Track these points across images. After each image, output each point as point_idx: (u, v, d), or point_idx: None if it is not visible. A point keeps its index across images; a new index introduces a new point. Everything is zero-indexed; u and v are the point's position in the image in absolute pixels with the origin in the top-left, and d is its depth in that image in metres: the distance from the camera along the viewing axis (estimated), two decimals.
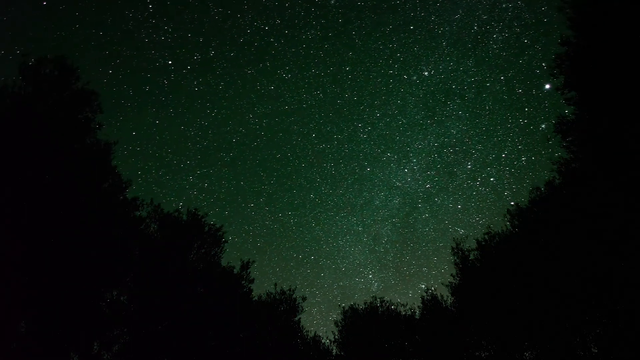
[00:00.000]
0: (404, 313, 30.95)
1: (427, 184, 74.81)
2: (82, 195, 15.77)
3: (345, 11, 67.48)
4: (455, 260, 26.28)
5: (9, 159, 14.63)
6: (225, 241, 23.23)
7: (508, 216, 23.08)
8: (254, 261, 24.83)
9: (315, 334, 31.65)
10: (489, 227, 24.73)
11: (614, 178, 12.30)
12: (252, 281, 24.72)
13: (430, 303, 28.54)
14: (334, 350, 31.42)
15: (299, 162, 78.83)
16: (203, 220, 22.75)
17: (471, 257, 25.73)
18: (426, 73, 67.55)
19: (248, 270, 24.60)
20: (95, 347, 17.19)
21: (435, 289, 28.87)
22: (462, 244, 26.25)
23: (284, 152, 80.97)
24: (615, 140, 12.00)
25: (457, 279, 26.20)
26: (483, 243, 25.00)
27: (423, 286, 26.99)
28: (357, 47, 71.09)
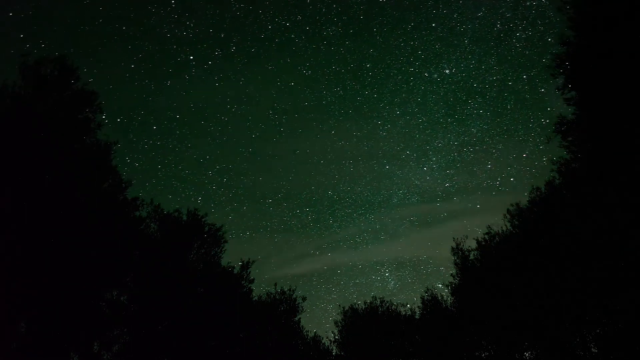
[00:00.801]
0: (404, 313, 30.98)
1: (447, 182, 74.60)
2: (82, 195, 15.77)
3: (367, 8, 67.18)
4: (455, 260, 26.29)
5: (9, 159, 14.63)
6: (226, 241, 23.23)
7: (508, 216, 23.08)
8: (254, 261, 24.85)
9: (315, 334, 31.67)
10: (489, 227, 24.72)
11: (614, 178, 12.30)
12: (252, 281, 24.72)
13: (430, 303, 28.54)
14: (334, 350, 31.44)
15: (318, 159, 78.66)
16: (203, 220, 22.75)
17: (471, 257, 25.74)
18: (447, 71, 67.29)
19: (248, 270, 24.60)
20: (95, 347, 17.20)
21: (446, 291, 28.64)
22: (462, 244, 26.26)
23: (303, 148, 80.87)
24: (615, 140, 12.00)
25: (457, 279, 26.21)
26: (483, 243, 25.00)
27: (440, 285, 27.07)
28: (378, 44, 70.81)
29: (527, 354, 23.17)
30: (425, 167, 73.55)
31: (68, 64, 16.71)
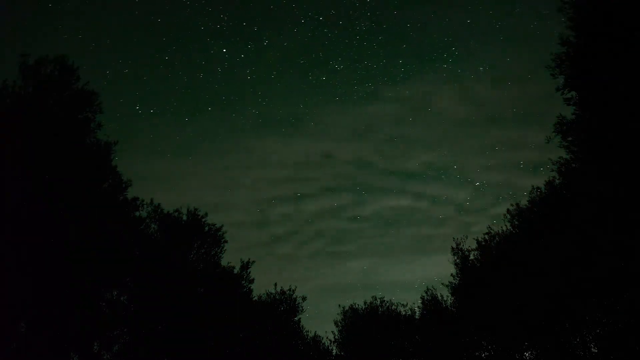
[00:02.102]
0: (404, 313, 30.98)
1: (477, 182, 75.10)
2: (82, 195, 15.77)
3: (401, 3, 67.02)
4: (455, 260, 26.27)
5: (9, 159, 14.63)
6: (226, 241, 23.22)
7: (508, 216, 23.07)
8: (254, 261, 24.85)
9: (315, 333, 31.67)
10: (489, 227, 24.72)
11: (614, 178, 12.30)
12: (252, 281, 24.71)
13: (430, 303, 28.54)
14: (334, 350, 31.45)
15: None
16: (203, 220, 22.75)
17: (471, 257, 25.73)
18: (481, 68, 67.41)
19: (248, 270, 24.59)
20: (95, 347, 17.20)
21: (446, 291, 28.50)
22: (462, 244, 26.25)
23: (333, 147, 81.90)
24: (615, 140, 12.00)
25: (457, 279, 26.19)
26: (483, 243, 24.99)
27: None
28: (412, 40, 70.90)
29: (527, 354, 23.17)
30: (456, 165, 74.19)
31: (68, 64, 16.71)
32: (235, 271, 24.44)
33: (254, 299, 26.59)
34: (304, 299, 29.06)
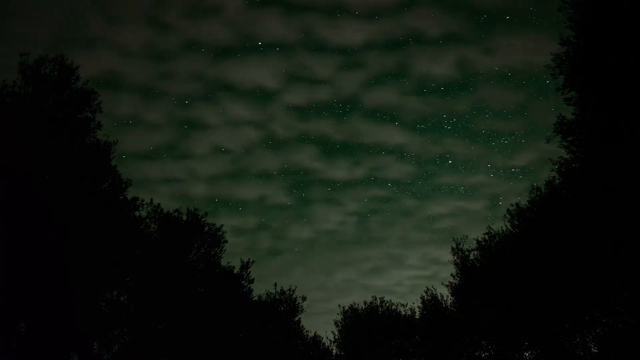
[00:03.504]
0: (404, 313, 30.98)
1: (506, 185, 77.08)
2: (81, 195, 15.76)
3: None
4: (455, 260, 26.27)
5: (9, 158, 14.62)
6: (226, 241, 23.20)
7: (508, 216, 23.06)
8: (253, 261, 24.84)
9: (315, 333, 31.67)
10: (489, 227, 24.71)
11: (614, 178, 12.29)
12: (252, 281, 24.70)
13: (430, 303, 28.53)
14: (334, 350, 31.46)
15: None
16: (203, 220, 22.74)
17: (471, 257, 25.73)
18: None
19: (248, 270, 24.59)
20: (95, 347, 17.19)
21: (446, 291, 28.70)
22: (462, 244, 26.24)
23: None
24: (615, 140, 11.99)
25: (457, 279, 26.19)
26: (483, 243, 24.99)
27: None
28: None
29: (527, 354, 23.17)
30: (489, 164, 76.08)
31: (67, 63, 16.70)
32: (235, 271, 24.45)
33: (254, 299, 26.61)
34: (304, 299, 29.07)
